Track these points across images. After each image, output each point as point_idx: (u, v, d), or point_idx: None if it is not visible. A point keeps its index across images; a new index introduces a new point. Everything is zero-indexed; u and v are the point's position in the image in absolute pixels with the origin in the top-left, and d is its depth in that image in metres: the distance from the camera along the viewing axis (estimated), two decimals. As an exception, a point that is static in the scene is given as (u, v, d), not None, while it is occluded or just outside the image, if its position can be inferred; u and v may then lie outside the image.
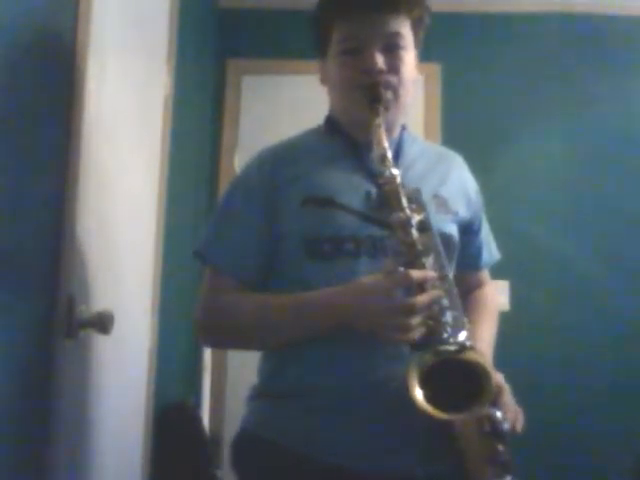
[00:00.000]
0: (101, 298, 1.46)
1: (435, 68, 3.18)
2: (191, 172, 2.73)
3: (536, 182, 3.14)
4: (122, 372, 1.71)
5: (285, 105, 3.14)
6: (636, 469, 2.79)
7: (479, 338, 1.25)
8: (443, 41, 3.15)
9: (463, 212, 1.32)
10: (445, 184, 1.31)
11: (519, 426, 1.14)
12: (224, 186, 1.51)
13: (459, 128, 3.12)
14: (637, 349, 2.96)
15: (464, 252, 1.33)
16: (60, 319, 1.25)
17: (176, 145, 2.23)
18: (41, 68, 1.21)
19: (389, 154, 1.16)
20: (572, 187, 3.12)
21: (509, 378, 1.23)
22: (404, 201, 1.12)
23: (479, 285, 1.45)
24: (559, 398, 2.92)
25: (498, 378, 1.15)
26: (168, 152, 2.14)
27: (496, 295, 1.49)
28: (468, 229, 1.35)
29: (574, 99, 3.18)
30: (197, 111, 2.85)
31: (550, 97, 3.19)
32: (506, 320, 2.89)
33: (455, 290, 1.15)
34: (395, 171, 1.14)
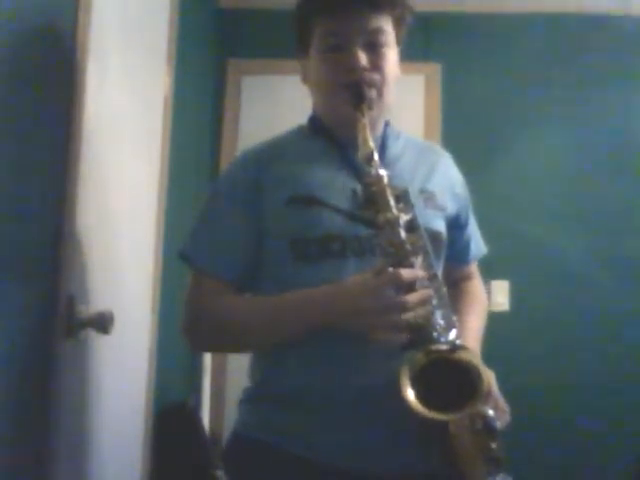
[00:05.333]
0: (101, 298, 1.46)
1: (435, 68, 3.18)
2: (191, 172, 2.73)
3: (536, 182, 3.14)
4: (122, 372, 1.71)
5: (285, 105, 3.13)
6: (636, 469, 2.79)
7: (466, 328, 1.25)
8: (443, 41, 3.16)
9: (450, 207, 1.31)
10: (431, 178, 1.30)
11: (504, 422, 1.14)
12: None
13: (459, 128, 3.12)
14: (637, 349, 2.96)
15: (452, 247, 1.32)
16: (60, 319, 1.25)
17: (176, 145, 2.23)
18: (41, 68, 1.21)
19: (375, 155, 1.15)
20: (572, 187, 3.12)
21: (509, 378, 1.23)
22: (391, 201, 1.11)
23: (467, 278, 1.45)
24: (558, 398, 2.93)
25: (488, 375, 1.14)
26: (168, 152, 2.14)
27: (483, 288, 1.48)
28: (455, 224, 1.34)
29: (574, 99, 3.18)
30: (197, 111, 2.85)
31: (550, 97, 3.19)
32: (506, 320, 2.92)
33: (444, 289, 1.15)
34: (382, 171, 1.13)
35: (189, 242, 1.29)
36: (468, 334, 1.24)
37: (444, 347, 1.06)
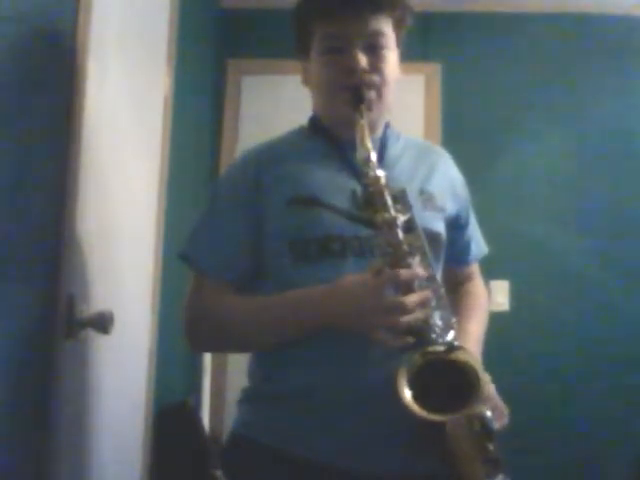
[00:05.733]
0: (101, 298, 1.46)
1: (435, 68, 3.18)
2: (191, 172, 2.73)
3: (536, 182, 3.14)
4: (122, 372, 1.71)
5: (285, 105, 3.13)
6: (636, 469, 2.79)
7: (467, 332, 1.25)
8: (443, 41, 3.16)
9: (450, 208, 1.31)
10: (431, 179, 1.30)
11: (502, 423, 1.15)
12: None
13: (459, 128, 3.12)
14: (637, 349, 2.96)
15: (452, 247, 1.32)
16: (60, 319, 1.25)
17: (176, 145, 2.23)
18: (41, 68, 1.21)
19: (373, 156, 1.15)
20: (572, 187, 3.13)
21: (509, 378, 1.23)
22: (389, 202, 1.12)
23: (468, 279, 1.45)
24: (559, 398, 2.93)
25: (486, 375, 1.14)
26: (168, 152, 2.14)
27: (485, 289, 1.48)
28: (455, 224, 1.34)
29: (574, 99, 3.19)
30: (197, 111, 2.85)
31: (550, 97, 3.19)
32: (506, 320, 2.92)
33: (442, 290, 1.15)
34: (379, 172, 1.14)
35: (189, 243, 1.29)
36: (468, 339, 1.23)
37: (441, 348, 1.06)
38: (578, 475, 2.86)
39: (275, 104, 3.18)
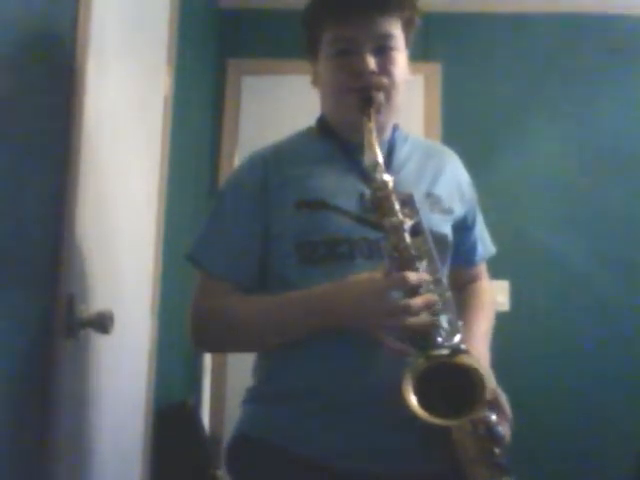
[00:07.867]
0: (101, 298, 1.46)
1: (435, 68, 3.18)
2: (191, 172, 2.73)
3: (536, 182, 3.14)
4: (122, 372, 1.72)
5: (285, 105, 3.14)
6: (636, 469, 2.79)
7: (472, 335, 1.25)
8: (443, 41, 3.16)
9: (457, 209, 1.31)
10: (438, 181, 1.30)
11: (505, 430, 1.13)
12: (224, 186, 1.50)
13: (459, 128, 3.11)
14: (637, 349, 2.96)
15: (459, 248, 1.32)
16: (60, 319, 1.25)
17: (176, 145, 2.23)
18: (41, 68, 1.21)
19: (381, 160, 1.15)
20: (572, 187, 3.12)
21: (509, 378, 1.23)
22: (397, 206, 1.11)
23: (475, 279, 1.44)
24: (559, 398, 2.93)
25: (491, 379, 1.14)
26: (168, 152, 2.14)
27: (492, 288, 1.48)
28: (462, 225, 1.34)
29: (574, 99, 3.19)
30: (197, 111, 2.85)
31: (550, 97, 3.19)
32: (506, 320, 2.91)
33: (449, 294, 1.15)
34: (387, 177, 1.13)
35: (196, 244, 1.29)
36: (474, 340, 1.23)
37: (445, 352, 1.06)
38: (579, 474, 2.86)
39: (275, 104, 3.19)
